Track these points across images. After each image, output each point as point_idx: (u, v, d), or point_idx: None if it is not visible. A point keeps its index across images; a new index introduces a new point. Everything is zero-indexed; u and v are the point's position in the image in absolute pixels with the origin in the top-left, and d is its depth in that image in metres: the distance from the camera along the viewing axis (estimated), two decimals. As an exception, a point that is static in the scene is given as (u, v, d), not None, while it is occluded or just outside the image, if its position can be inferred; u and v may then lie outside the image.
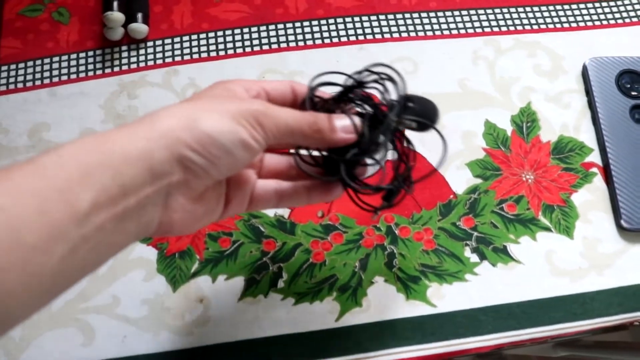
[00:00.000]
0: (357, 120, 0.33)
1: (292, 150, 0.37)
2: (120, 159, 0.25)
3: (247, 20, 0.57)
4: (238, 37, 0.56)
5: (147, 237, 0.29)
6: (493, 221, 0.50)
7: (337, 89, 0.35)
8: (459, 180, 0.51)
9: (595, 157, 0.53)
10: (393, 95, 0.34)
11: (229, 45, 0.56)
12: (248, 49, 0.56)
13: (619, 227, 0.50)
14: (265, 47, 0.56)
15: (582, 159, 0.53)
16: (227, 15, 0.57)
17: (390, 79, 0.34)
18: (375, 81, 0.35)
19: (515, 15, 0.58)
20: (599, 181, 0.52)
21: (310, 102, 0.34)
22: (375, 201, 0.36)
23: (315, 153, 0.36)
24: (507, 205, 0.51)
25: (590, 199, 0.52)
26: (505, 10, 0.59)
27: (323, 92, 0.36)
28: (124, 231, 0.26)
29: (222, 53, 0.56)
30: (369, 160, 0.35)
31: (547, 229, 0.50)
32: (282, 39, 0.57)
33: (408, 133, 0.36)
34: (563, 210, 0.51)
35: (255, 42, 0.56)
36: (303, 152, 0.35)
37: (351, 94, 0.35)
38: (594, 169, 0.53)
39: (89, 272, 0.26)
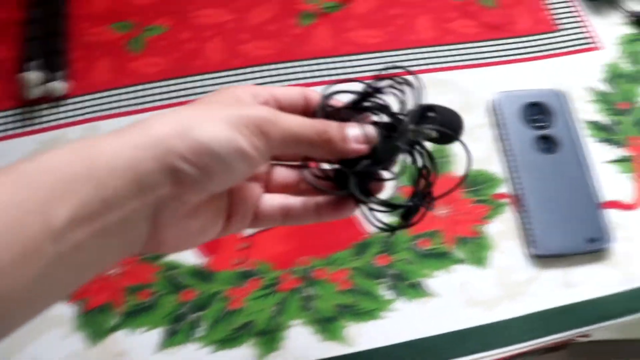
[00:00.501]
0: (370, 128, 0.31)
1: (300, 162, 0.35)
2: (104, 170, 0.23)
3: (166, 73, 0.59)
4: (158, 90, 0.59)
5: (135, 254, 0.27)
6: (408, 257, 0.52)
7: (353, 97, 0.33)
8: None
9: (506, 188, 0.56)
10: (412, 104, 0.32)
11: (149, 98, 0.58)
12: (168, 101, 0.58)
13: (530, 254, 0.52)
14: (185, 99, 0.58)
15: (494, 190, 0.56)
16: (147, 69, 0.59)
17: (409, 84, 0.32)
18: (392, 87, 0.32)
19: (425, 55, 0.61)
20: (510, 211, 0.55)
21: (322, 110, 0.32)
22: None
23: (327, 165, 0.33)
24: (422, 241, 0.53)
25: (503, 229, 0.54)
26: (412, 51, 0.62)
27: (337, 101, 0.33)
28: (107, 249, 0.25)
29: (143, 106, 0.58)
30: (384, 174, 0.32)
31: (461, 261, 0.52)
32: (200, 90, 0.59)
33: (429, 146, 0.33)
34: (476, 241, 0.53)
35: (174, 94, 0.58)
36: (312, 164, 0.33)
37: (367, 102, 0.33)
38: (505, 200, 0.56)
39: (71, 290, 0.24)
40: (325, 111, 0.32)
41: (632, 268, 0.55)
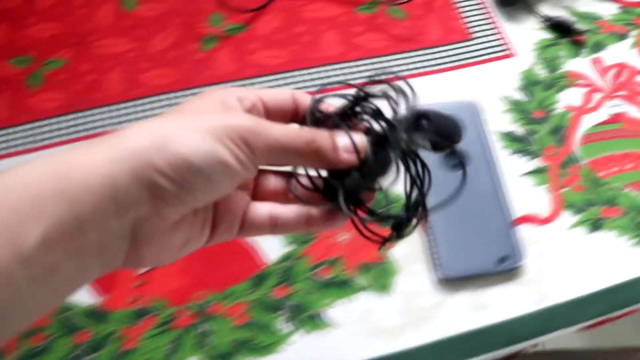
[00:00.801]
0: (361, 137, 0.29)
1: (288, 169, 0.33)
2: (78, 187, 0.22)
3: (65, 107, 0.58)
4: (56, 127, 0.57)
5: (115, 269, 0.26)
6: (307, 288, 0.51)
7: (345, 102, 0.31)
8: (273, 247, 0.52)
9: None
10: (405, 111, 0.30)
11: (47, 135, 0.57)
12: (67, 137, 0.57)
13: (437, 277, 0.51)
14: (84, 134, 0.57)
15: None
16: (46, 104, 0.58)
17: (402, 91, 0.30)
18: (385, 92, 0.30)
19: (331, 73, 0.60)
20: (417, 233, 0.53)
21: (312, 116, 0.30)
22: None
23: (315, 172, 0.32)
24: (322, 270, 0.52)
25: (409, 252, 0.53)
26: (318, 69, 0.60)
27: (328, 105, 0.32)
28: (83, 268, 0.23)
29: (40, 144, 0.56)
30: (375, 184, 0.31)
31: (364, 289, 0.51)
32: (100, 123, 0.58)
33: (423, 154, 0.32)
34: (380, 267, 0.52)
35: (73, 129, 0.57)
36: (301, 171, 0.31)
37: (359, 108, 0.31)
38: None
39: (48, 309, 0.23)
40: (315, 116, 0.30)
41: (546, 286, 0.53)
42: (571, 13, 0.68)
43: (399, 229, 0.32)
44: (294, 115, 0.31)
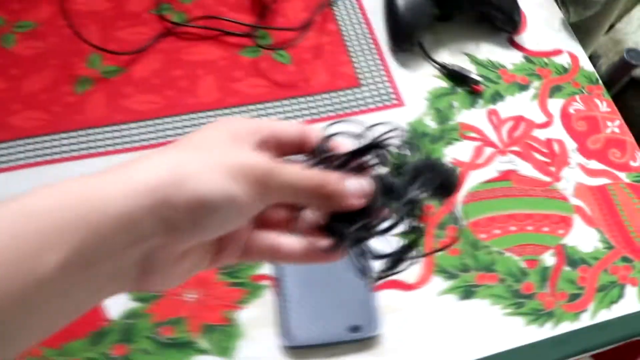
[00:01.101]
0: (368, 184, 0.30)
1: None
2: (99, 216, 0.23)
3: None
4: None
5: (122, 292, 0.27)
6: (147, 347, 0.48)
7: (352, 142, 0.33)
8: (117, 302, 0.50)
9: (268, 269, 0.52)
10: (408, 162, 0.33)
11: None
12: None
13: (284, 345, 0.48)
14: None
15: (253, 271, 0.52)
16: None
17: (410, 144, 0.33)
18: (393, 144, 0.32)
19: (204, 120, 0.58)
20: (269, 295, 0.51)
21: (320, 154, 0.31)
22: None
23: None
24: (164, 329, 0.49)
25: (258, 315, 0.50)
26: (192, 115, 0.59)
27: (336, 144, 0.32)
28: (94, 293, 0.25)
29: None
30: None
31: (205, 352, 0.48)
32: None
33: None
34: (225, 329, 0.49)
35: None
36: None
37: (368, 154, 0.32)
38: (265, 282, 0.51)
39: (51, 332, 0.24)
40: (323, 156, 0.31)
41: (402, 356, 0.50)
42: (471, 60, 0.66)
43: (393, 268, 0.33)
44: (300, 148, 0.32)
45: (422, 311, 0.53)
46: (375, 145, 0.32)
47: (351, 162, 0.32)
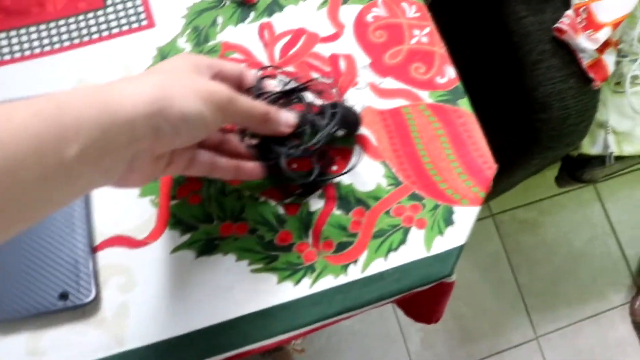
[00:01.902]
0: (295, 116, 0.43)
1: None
2: (109, 120, 0.30)
3: None
4: None
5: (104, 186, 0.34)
6: None
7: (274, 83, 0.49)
8: None
9: None
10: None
11: None
12: None
13: None
14: None
15: None
16: None
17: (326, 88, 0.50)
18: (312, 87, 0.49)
19: None
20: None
21: (256, 91, 0.44)
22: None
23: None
24: None
25: None
26: None
27: (266, 84, 0.46)
28: (91, 182, 0.32)
29: None
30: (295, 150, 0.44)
31: None
32: None
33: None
34: None
35: None
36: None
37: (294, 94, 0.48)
38: None
39: (50, 212, 0.31)
40: (258, 93, 0.44)
41: (125, 326, 0.43)
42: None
43: (307, 191, 0.48)
44: (238, 85, 0.43)
45: (151, 272, 0.45)
46: (297, 89, 0.47)
47: (280, 100, 0.46)
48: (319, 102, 0.49)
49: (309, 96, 0.50)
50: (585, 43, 0.82)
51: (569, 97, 0.85)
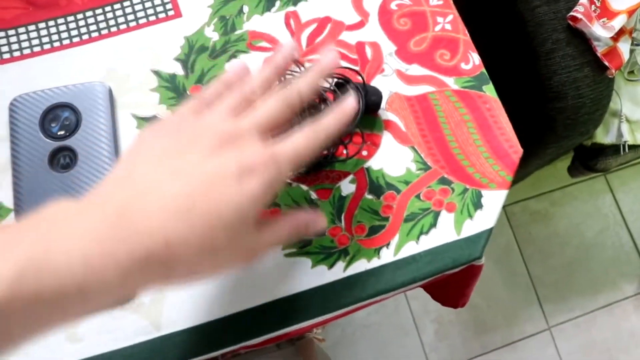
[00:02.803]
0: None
1: None
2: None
3: None
4: None
5: None
6: None
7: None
8: None
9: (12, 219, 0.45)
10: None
11: None
12: None
13: None
14: None
15: None
16: None
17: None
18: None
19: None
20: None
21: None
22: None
23: None
24: None
25: None
26: None
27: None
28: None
29: None
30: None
31: None
32: None
33: None
34: None
35: None
36: None
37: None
38: None
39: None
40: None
41: (160, 311, 0.44)
42: (272, -45, 0.55)
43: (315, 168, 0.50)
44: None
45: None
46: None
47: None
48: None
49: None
50: (600, 31, 0.83)
51: (583, 86, 0.87)
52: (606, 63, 0.85)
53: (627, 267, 1.44)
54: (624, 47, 0.87)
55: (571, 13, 0.84)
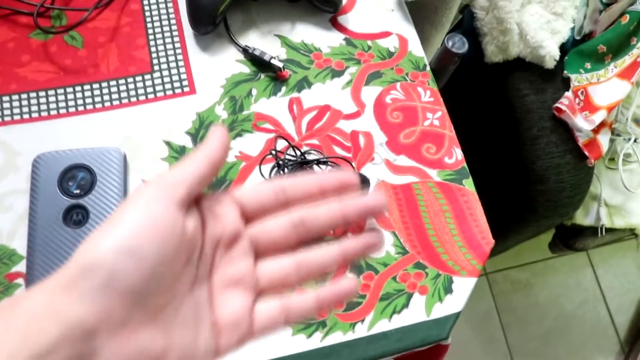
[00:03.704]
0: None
1: None
2: (26, 317, 0.25)
3: None
4: None
5: None
6: None
7: None
8: None
9: (24, 267, 0.50)
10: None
11: None
12: None
13: None
14: None
15: (9, 269, 0.50)
16: None
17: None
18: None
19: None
20: (21, 292, 0.50)
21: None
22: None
23: None
24: None
25: None
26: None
27: None
28: None
29: None
30: None
31: None
32: None
33: None
34: None
35: None
36: None
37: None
38: (20, 280, 0.50)
39: None
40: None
41: None
42: (283, 43, 0.62)
43: None
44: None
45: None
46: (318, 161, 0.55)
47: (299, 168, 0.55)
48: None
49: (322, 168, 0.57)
50: (582, 123, 0.90)
51: (565, 172, 0.93)
52: (586, 153, 0.92)
53: (604, 341, 1.49)
54: (603, 139, 0.94)
55: (556, 104, 0.91)
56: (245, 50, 0.62)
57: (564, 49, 0.92)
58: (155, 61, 0.62)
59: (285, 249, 0.32)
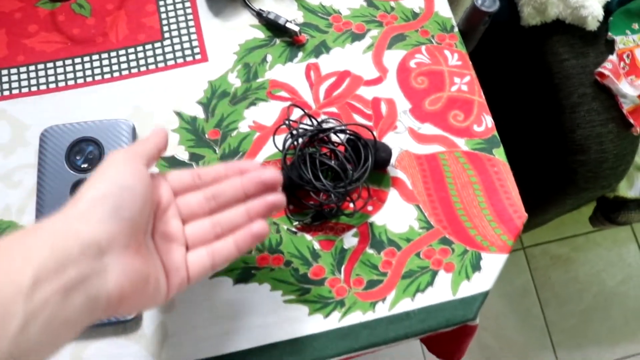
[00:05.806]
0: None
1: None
2: (51, 236, 0.31)
3: None
4: None
5: (102, 316, 0.33)
6: None
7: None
8: None
9: None
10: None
11: None
12: None
13: None
14: None
15: None
16: None
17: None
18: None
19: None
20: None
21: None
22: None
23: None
24: None
25: None
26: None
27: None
28: (72, 305, 0.30)
29: None
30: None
31: None
32: None
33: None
34: None
35: None
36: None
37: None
38: None
39: (49, 353, 0.30)
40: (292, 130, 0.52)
41: (163, 345, 0.46)
42: (300, 6, 0.58)
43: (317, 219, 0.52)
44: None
45: (190, 295, 0.49)
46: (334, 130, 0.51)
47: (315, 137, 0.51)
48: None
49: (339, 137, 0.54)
50: (627, 89, 0.83)
51: (607, 141, 0.87)
52: (631, 121, 0.86)
53: (648, 319, 1.42)
54: (651, 105, 0.87)
55: (599, 69, 0.84)
56: (259, 14, 0.58)
57: (608, 9, 0.85)
58: (165, 28, 0.59)
59: (203, 217, 0.40)
